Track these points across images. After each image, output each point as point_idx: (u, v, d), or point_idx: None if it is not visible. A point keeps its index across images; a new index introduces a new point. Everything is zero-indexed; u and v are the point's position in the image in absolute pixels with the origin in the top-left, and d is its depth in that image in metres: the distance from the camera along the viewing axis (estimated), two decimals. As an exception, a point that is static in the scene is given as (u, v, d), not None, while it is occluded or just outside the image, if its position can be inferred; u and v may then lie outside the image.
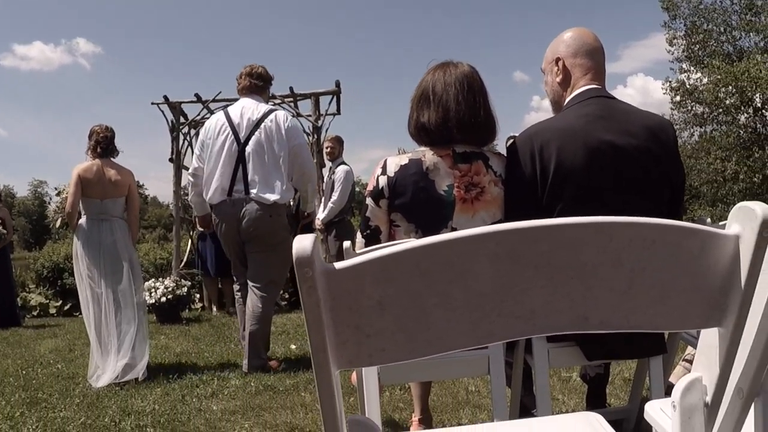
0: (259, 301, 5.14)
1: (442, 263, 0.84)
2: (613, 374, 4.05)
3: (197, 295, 10.24)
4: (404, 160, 2.69)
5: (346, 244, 2.27)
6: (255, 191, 4.99)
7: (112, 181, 5.32)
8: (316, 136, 9.94)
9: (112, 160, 5.47)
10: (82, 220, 5.32)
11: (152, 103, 10.36)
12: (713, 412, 1.05)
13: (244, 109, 5.16)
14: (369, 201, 2.74)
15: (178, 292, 8.55)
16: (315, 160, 8.31)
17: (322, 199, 8.55)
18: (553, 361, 2.56)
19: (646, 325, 0.95)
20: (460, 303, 0.86)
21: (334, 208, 8.29)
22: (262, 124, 5.06)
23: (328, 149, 8.66)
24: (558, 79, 2.76)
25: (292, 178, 5.20)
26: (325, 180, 8.88)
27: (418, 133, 2.77)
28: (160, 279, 8.76)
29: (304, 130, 8.11)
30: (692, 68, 32.07)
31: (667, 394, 2.78)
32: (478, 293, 0.86)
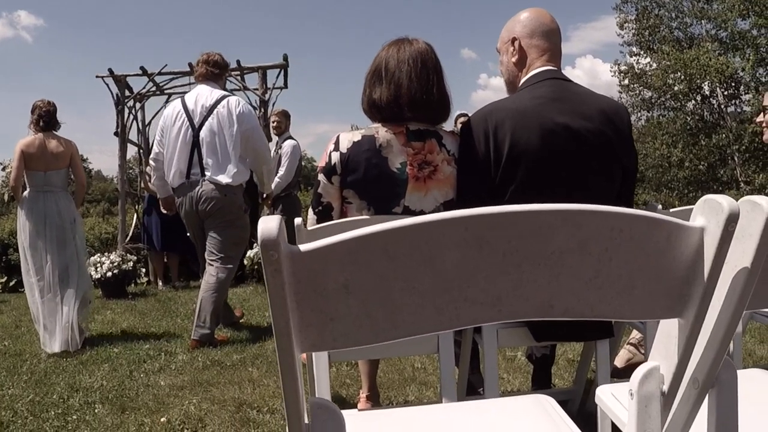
0: (215, 273, 5.27)
1: (410, 247, 0.82)
2: (558, 355, 4.11)
3: (143, 270, 10.09)
4: (357, 136, 2.66)
5: (298, 221, 2.24)
6: (209, 174, 5.19)
7: (54, 153, 5.44)
8: (263, 110, 9.81)
9: (55, 132, 5.57)
10: (26, 193, 5.43)
11: (97, 77, 10.16)
12: (669, 401, 1.06)
13: (199, 96, 5.34)
14: (321, 177, 2.71)
15: (123, 267, 8.40)
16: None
17: (270, 174, 8.48)
18: (502, 341, 2.57)
19: (610, 313, 0.95)
20: (427, 288, 0.85)
21: (281, 183, 8.20)
22: (215, 110, 5.24)
23: (275, 123, 8.54)
24: (513, 60, 2.74)
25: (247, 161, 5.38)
26: (271, 155, 8.79)
27: (370, 110, 2.75)
28: (106, 254, 8.61)
29: (251, 104, 8.09)
30: (642, 52, 32.45)
31: (613, 377, 2.83)
32: (444, 278, 0.85)
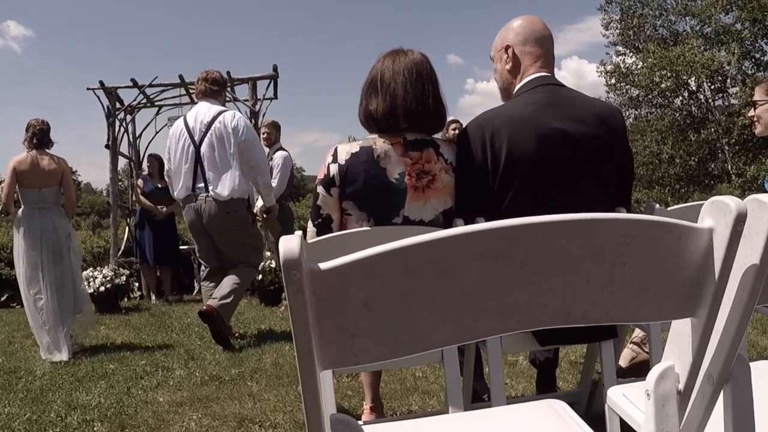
0: (237, 275, 5.59)
1: (429, 262, 0.83)
2: (560, 358, 4.11)
3: (136, 284, 10.06)
4: (355, 147, 2.66)
5: (297, 234, 2.24)
6: (212, 188, 5.45)
7: (47, 170, 5.62)
8: (254, 121, 9.78)
9: (47, 150, 5.74)
10: (21, 210, 5.64)
11: (88, 89, 10.17)
12: (685, 399, 1.08)
13: (198, 114, 5.58)
14: (320, 189, 2.71)
15: (116, 281, 8.36)
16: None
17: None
18: (506, 346, 2.57)
19: (624, 317, 0.97)
20: (446, 301, 0.86)
21: (274, 194, 8.20)
22: (213, 126, 5.48)
23: (265, 135, 8.51)
24: (507, 67, 2.75)
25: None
26: (265, 166, 8.80)
27: (367, 121, 2.75)
28: (98, 268, 8.57)
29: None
30: (628, 52, 32.60)
31: (618, 377, 2.84)
32: (463, 291, 0.86)
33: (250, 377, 4.48)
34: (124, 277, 8.61)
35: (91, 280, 8.15)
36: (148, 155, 9.99)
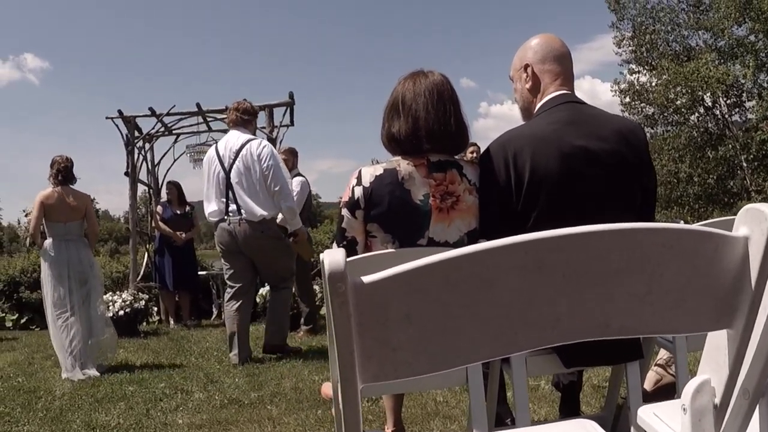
0: (279, 295, 6.31)
1: (471, 274, 0.84)
2: (583, 381, 4.07)
3: (154, 309, 10.11)
4: (379, 170, 2.67)
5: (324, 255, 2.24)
6: (244, 212, 5.83)
7: (72, 206, 6.09)
8: (271, 148, 9.86)
9: (71, 186, 6.18)
10: (48, 242, 6.06)
11: (107, 118, 10.32)
12: (721, 414, 1.06)
13: (228, 141, 6.01)
14: (345, 212, 2.71)
15: (135, 306, 8.43)
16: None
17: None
18: (531, 369, 2.52)
19: (662, 328, 0.96)
20: (487, 313, 0.86)
21: (293, 219, 8.25)
22: (241, 153, 5.85)
23: (282, 161, 8.60)
24: (527, 86, 2.74)
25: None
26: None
27: (390, 143, 2.76)
28: (118, 292, 8.63)
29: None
30: (641, 69, 32.42)
31: (644, 401, 2.79)
32: (504, 303, 0.86)
33: (270, 401, 4.47)
34: (143, 302, 8.70)
35: (111, 304, 8.19)
36: (167, 182, 10.14)
